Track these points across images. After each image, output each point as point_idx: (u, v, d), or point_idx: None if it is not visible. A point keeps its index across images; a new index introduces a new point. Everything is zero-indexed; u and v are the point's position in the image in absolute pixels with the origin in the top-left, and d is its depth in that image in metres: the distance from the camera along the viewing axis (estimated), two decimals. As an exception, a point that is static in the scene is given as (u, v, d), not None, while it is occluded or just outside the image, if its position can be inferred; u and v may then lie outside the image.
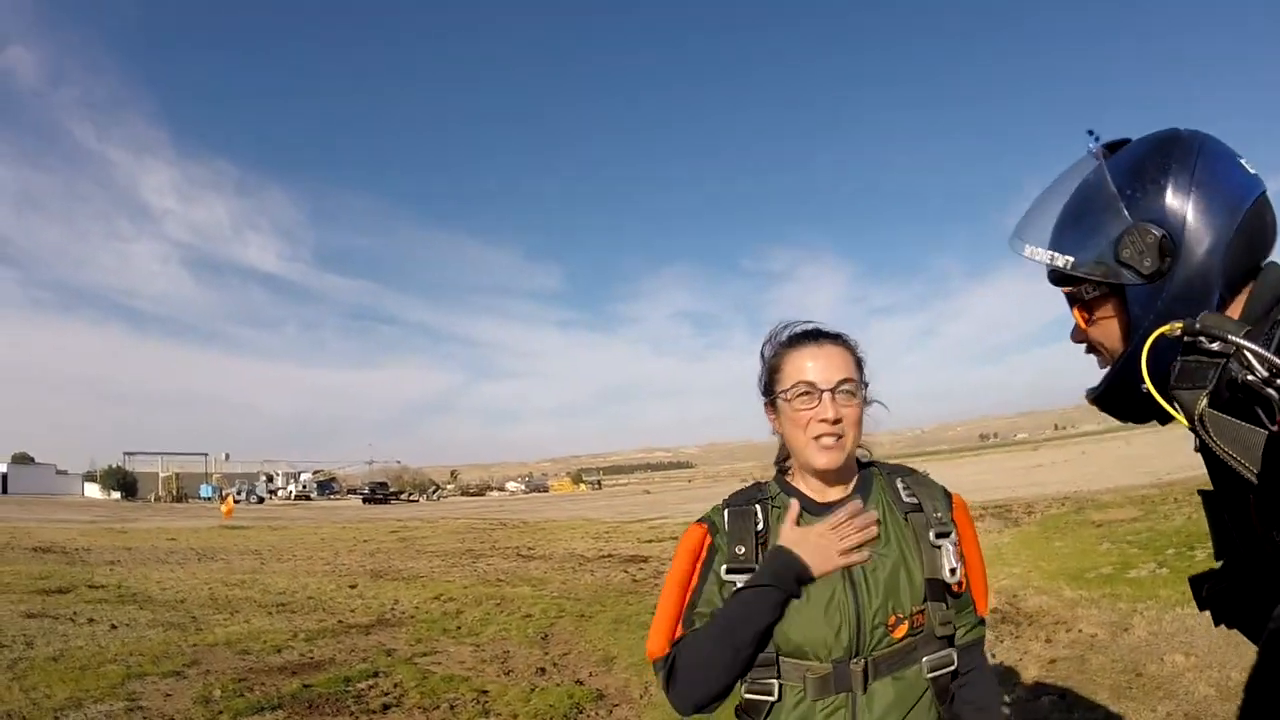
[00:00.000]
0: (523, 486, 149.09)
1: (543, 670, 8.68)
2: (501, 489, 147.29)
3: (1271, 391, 1.37)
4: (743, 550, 2.14)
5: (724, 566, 2.14)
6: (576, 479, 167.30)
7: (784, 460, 2.36)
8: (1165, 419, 1.61)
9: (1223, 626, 1.83)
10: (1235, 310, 1.60)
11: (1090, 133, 1.82)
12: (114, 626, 10.95)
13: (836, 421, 2.12)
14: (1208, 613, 1.81)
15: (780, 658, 2.09)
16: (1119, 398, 1.72)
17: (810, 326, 2.31)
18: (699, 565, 2.21)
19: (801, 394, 2.15)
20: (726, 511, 2.25)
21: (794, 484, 2.28)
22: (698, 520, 2.29)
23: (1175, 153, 1.64)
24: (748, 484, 2.38)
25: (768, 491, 2.29)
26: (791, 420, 2.18)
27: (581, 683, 8.11)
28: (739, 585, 2.10)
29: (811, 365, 2.18)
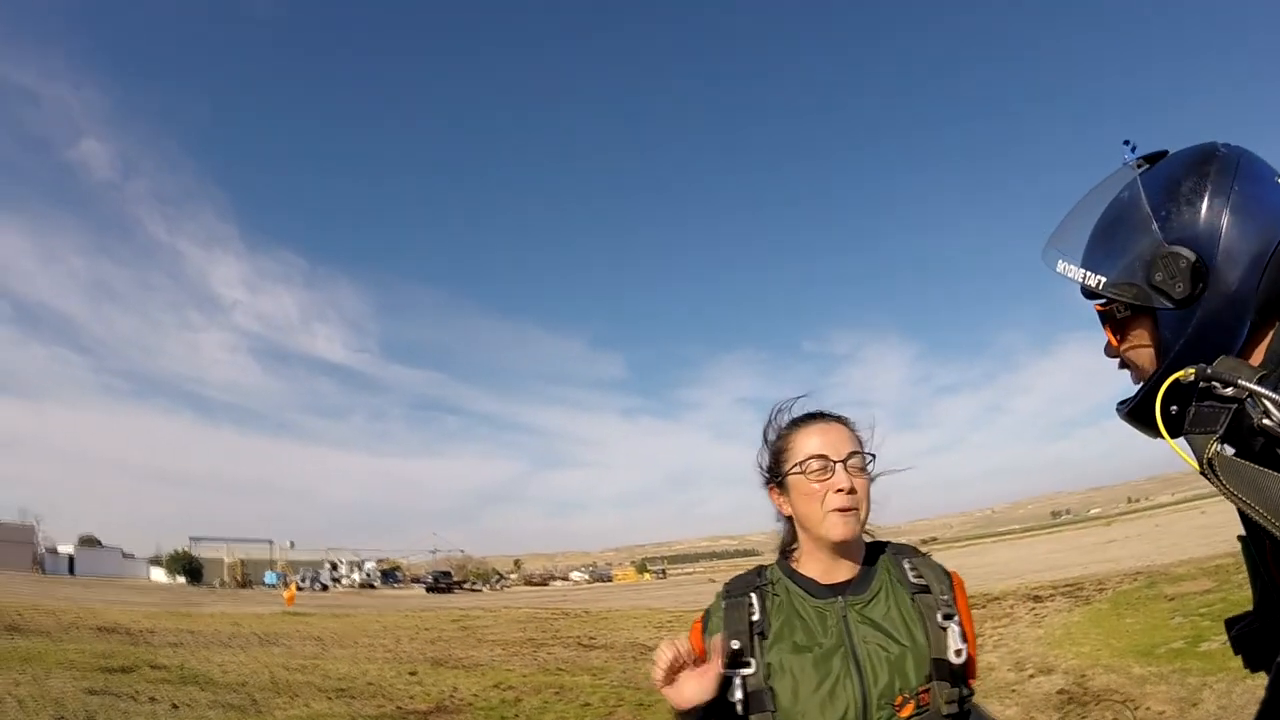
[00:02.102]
0: (586, 576, 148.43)
1: (599, 759, 8.58)
2: (565, 578, 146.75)
3: None
4: (737, 645, 2.12)
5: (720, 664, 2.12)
6: (641, 568, 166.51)
7: (789, 545, 2.34)
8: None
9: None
10: (1261, 348, 1.57)
11: (1127, 143, 1.81)
12: (175, 706, 11.00)
13: (852, 491, 2.12)
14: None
15: None
16: (1149, 417, 1.66)
17: (811, 409, 2.34)
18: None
19: (816, 467, 2.16)
20: (724, 603, 2.25)
21: (798, 568, 2.27)
22: (700, 615, 2.31)
23: (1212, 173, 1.62)
24: (751, 569, 2.38)
25: (768, 577, 2.29)
26: (806, 494, 2.18)
27: (638, 772, 8.01)
28: (737, 680, 2.09)
29: (821, 440, 2.20)
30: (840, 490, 2.12)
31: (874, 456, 2.24)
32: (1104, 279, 1.72)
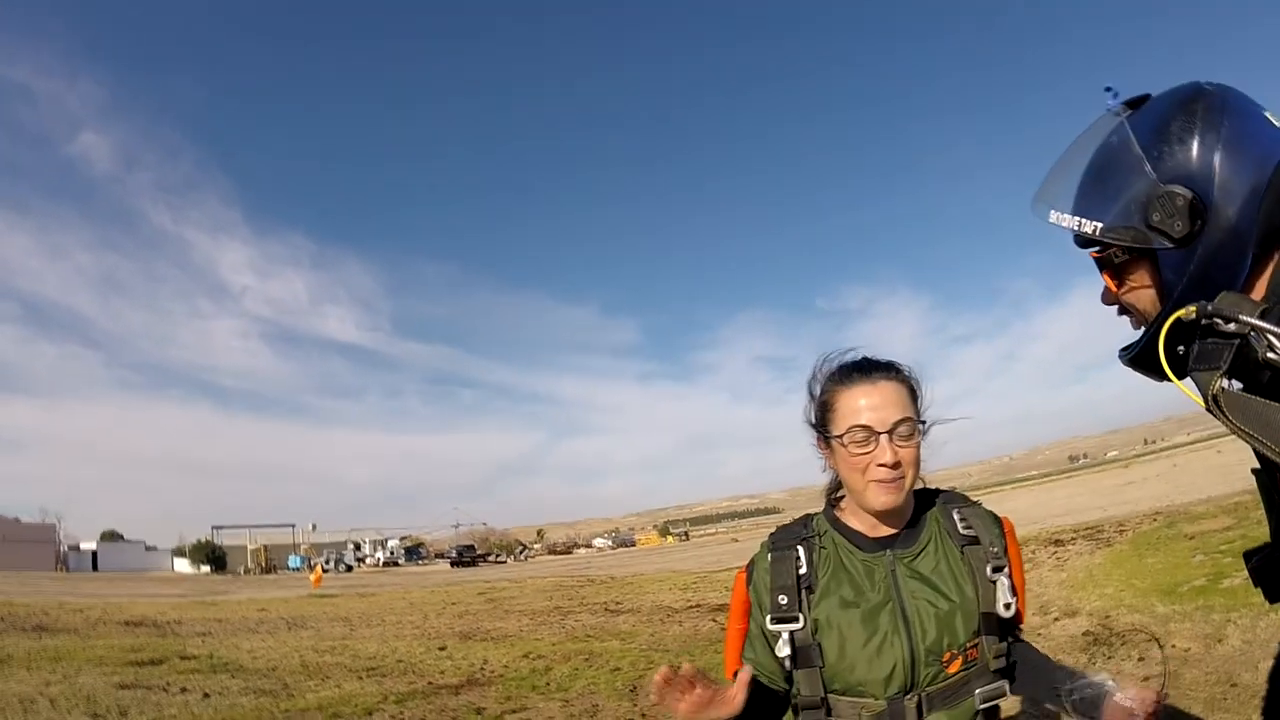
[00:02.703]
0: (610, 542, 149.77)
1: (632, 722, 8.60)
2: (588, 546, 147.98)
3: None
4: (785, 600, 2.12)
5: (768, 619, 2.13)
6: (663, 531, 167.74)
7: (835, 493, 2.30)
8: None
9: None
10: (1263, 281, 1.56)
11: (1109, 89, 1.78)
12: (206, 695, 11.02)
13: (896, 465, 2.06)
14: None
15: (832, 696, 2.07)
16: (1153, 361, 1.64)
17: (860, 358, 2.25)
18: (744, 609, 2.22)
19: (859, 438, 2.09)
20: (769, 555, 2.21)
21: (844, 519, 2.23)
22: (745, 565, 2.29)
23: (1200, 110, 1.61)
24: (796, 519, 2.34)
25: (814, 528, 2.24)
26: (849, 464, 2.12)
27: (672, 734, 7.99)
28: (785, 635, 2.10)
29: (866, 404, 2.12)
30: (883, 464, 2.06)
31: (924, 423, 2.17)
32: (1100, 224, 1.70)
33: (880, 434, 2.07)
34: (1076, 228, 1.73)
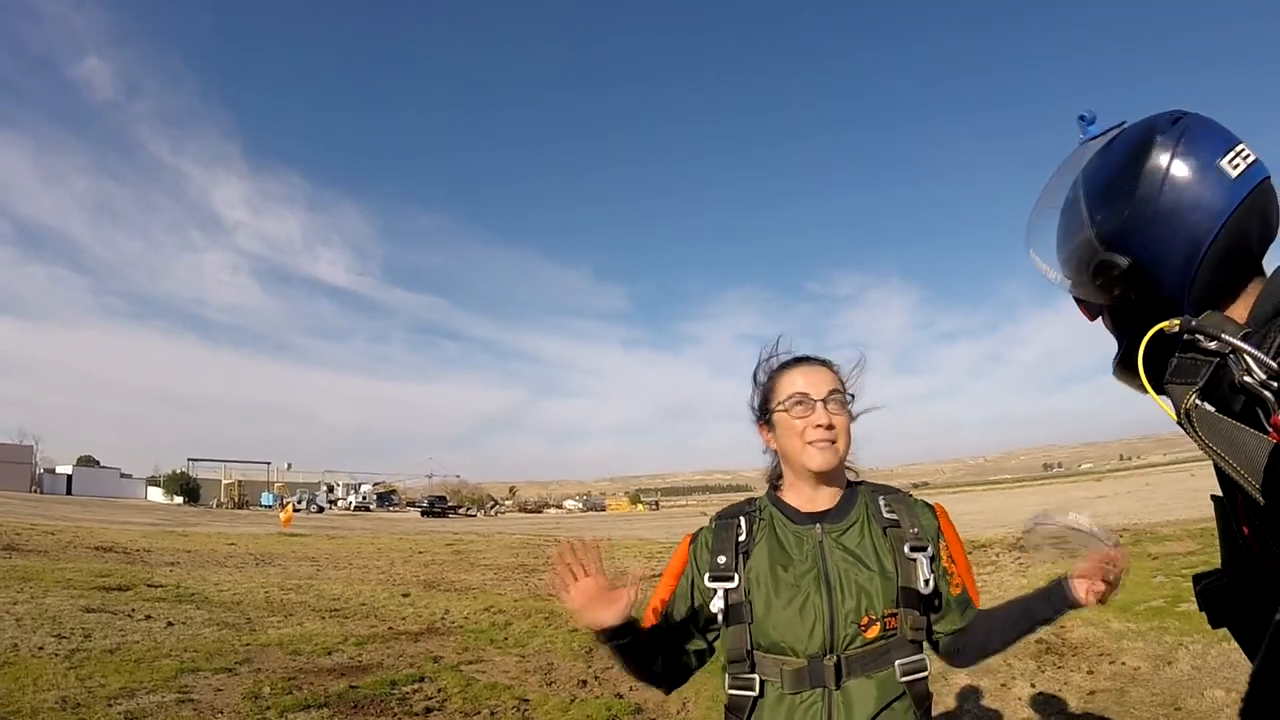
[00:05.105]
0: (580, 505, 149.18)
1: (584, 682, 8.73)
2: (559, 507, 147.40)
3: (1268, 393, 1.39)
4: (724, 560, 2.35)
5: (706, 575, 2.36)
6: (634, 499, 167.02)
7: (777, 478, 2.53)
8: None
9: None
10: (1243, 306, 1.60)
11: (1082, 118, 1.80)
12: (170, 624, 11.16)
13: (830, 427, 2.32)
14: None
15: (757, 653, 2.28)
16: (1132, 367, 1.67)
17: (799, 353, 2.53)
18: (680, 568, 2.45)
19: (797, 403, 2.37)
20: (714, 524, 2.47)
21: (783, 498, 2.46)
22: (693, 532, 2.52)
23: (1146, 170, 1.61)
24: (744, 499, 2.56)
25: (757, 504, 2.48)
26: (788, 428, 2.38)
27: (621, 696, 8.14)
28: (720, 592, 2.32)
29: (803, 379, 2.41)
30: (819, 425, 2.33)
31: (854, 396, 2.44)
32: (1069, 282, 1.80)
33: (816, 400, 2.35)
34: (1054, 282, 1.84)
